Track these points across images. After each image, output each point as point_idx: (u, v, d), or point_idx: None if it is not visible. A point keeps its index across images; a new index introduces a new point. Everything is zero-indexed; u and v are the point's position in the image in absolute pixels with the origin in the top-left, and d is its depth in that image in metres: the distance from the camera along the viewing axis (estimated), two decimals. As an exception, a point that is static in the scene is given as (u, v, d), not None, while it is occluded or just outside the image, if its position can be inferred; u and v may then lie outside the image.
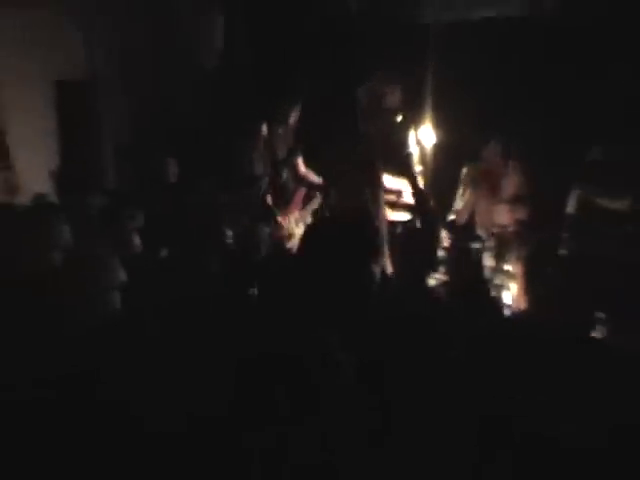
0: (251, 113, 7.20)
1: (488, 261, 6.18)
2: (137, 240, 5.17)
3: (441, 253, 6.10)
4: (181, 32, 7.97)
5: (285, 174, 6.83)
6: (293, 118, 6.86)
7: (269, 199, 6.59)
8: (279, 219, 6.43)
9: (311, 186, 6.88)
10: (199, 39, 8.25)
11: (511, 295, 5.63)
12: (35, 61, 6.72)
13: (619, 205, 5.56)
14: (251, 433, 2.78)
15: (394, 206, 6.62)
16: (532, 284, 5.82)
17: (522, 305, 5.49)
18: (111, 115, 6.40)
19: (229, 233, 5.75)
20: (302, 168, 6.88)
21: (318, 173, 6.83)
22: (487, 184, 6.37)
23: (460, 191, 6.54)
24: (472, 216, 6.53)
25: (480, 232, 6.39)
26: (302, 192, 6.85)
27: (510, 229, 6.28)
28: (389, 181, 6.51)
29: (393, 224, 6.41)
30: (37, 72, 6.72)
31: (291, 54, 7.62)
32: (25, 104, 6.86)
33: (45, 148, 6.71)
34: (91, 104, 6.38)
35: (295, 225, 6.60)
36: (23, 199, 6.11)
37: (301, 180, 6.85)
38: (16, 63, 6.64)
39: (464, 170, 6.51)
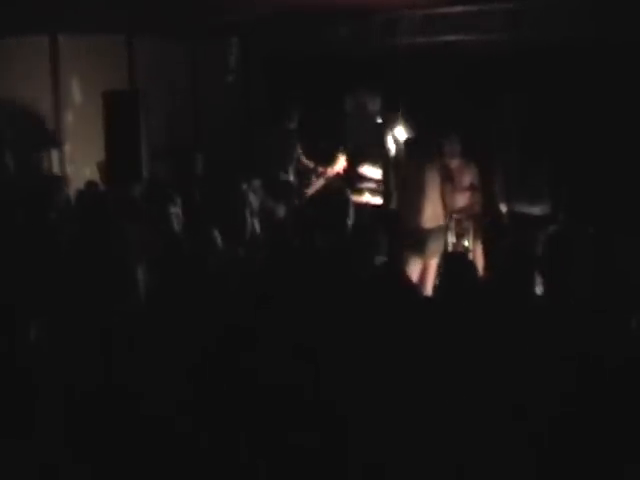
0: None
1: (451, 238, 6.76)
2: (171, 220, 5.73)
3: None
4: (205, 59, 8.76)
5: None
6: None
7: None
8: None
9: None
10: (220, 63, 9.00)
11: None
12: (89, 76, 7.60)
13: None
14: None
15: (374, 192, 7.22)
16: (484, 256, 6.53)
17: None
18: (149, 119, 6.94)
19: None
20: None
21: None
22: (449, 176, 6.78)
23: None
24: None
25: (444, 215, 6.77)
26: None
27: (467, 213, 6.75)
28: (370, 171, 7.15)
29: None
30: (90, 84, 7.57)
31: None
32: (79, 110, 7.71)
33: (94, 144, 7.40)
34: (132, 110, 6.87)
35: None
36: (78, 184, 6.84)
37: None
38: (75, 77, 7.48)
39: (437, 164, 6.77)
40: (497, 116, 6.71)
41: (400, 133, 6.93)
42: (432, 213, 6.50)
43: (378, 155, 7.13)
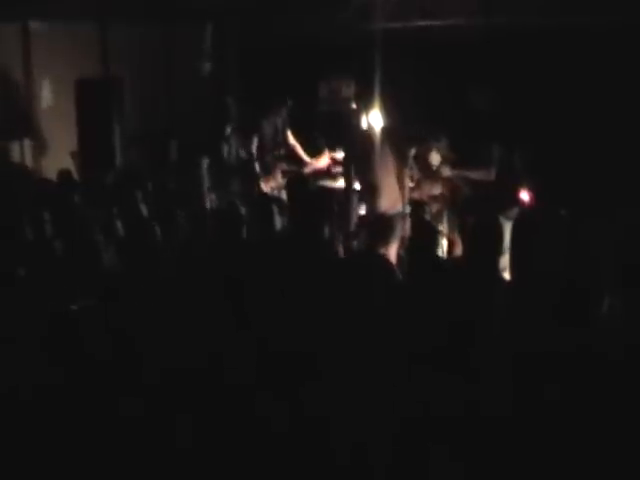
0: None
1: (426, 223, 6.74)
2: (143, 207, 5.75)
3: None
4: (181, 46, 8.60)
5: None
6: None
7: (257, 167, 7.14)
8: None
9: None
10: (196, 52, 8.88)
11: (442, 247, 6.32)
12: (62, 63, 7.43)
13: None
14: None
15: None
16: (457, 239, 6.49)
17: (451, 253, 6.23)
18: (121, 107, 6.87)
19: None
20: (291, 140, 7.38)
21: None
22: (425, 163, 6.72)
23: (407, 169, 6.65)
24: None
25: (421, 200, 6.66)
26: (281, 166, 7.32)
27: (442, 198, 6.71)
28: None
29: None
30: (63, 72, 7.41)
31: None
32: (52, 98, 7.55)
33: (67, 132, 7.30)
34: (105, 99, 6.80)
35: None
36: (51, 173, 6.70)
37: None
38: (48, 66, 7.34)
39: (412, 151, 6.62)
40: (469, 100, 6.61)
41: (375, 118, 6.78)
42: (393, 198, 6.38)
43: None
